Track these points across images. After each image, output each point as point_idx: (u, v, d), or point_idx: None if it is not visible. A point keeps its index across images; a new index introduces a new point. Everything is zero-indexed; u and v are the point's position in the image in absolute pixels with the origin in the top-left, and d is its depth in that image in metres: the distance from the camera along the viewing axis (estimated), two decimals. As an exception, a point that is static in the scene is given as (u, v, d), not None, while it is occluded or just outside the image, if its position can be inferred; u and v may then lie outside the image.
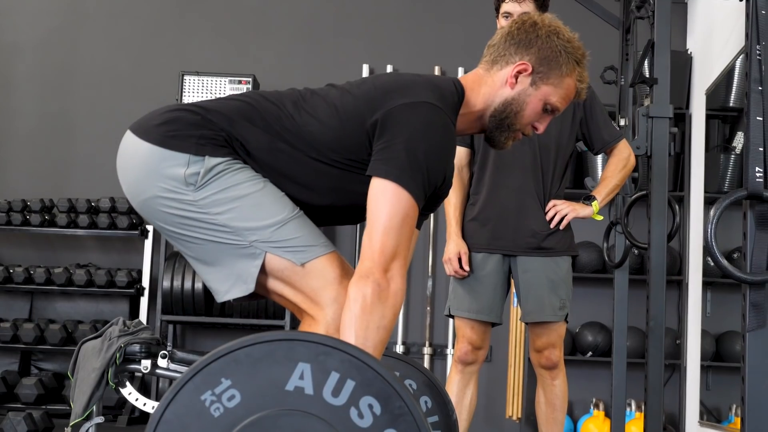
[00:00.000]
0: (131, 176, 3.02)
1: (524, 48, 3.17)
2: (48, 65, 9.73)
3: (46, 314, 9.27)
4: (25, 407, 7.97)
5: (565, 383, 5.16)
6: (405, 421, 2.34)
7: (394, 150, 2.87)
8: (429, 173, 2.89)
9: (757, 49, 4.16)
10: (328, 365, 2.35)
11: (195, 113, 3.00)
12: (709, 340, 8.28)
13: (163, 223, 2.99)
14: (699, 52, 8.91)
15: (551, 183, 5.07)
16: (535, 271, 5.01)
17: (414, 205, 2.86)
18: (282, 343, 2.37)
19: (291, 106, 3.06)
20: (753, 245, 4.17)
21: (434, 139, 2.92)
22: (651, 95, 6.08)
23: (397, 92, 2.98)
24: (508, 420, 8.91)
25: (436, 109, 2.95)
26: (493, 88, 3.19)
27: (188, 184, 2.91)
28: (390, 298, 2.77)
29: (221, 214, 2.91)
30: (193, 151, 2.92)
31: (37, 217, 8.93)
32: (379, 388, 2.35)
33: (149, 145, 2.96)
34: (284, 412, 2.34)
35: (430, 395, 3.94)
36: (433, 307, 9.10)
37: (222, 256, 2.95)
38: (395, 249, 2.81)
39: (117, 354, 6.43)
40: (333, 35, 9.58)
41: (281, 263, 2.92)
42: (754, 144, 4.14)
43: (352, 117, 2.99)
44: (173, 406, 2.36)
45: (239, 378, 2.35)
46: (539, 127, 3.26)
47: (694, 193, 8.70)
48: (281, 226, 2.92)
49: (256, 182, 2.96)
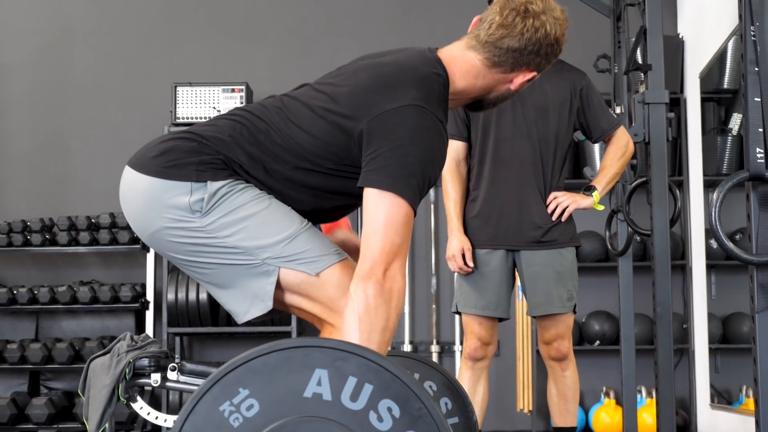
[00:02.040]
0: (136, 211, 3.02)
1: (529, 61, 3.17)
2: (40, 84, 9.71)
3: (52, 333, 9.25)
4: (36, 428, 7.98)
5: (576, 374, 5.17)
6: (425, 422, 2.34)
7: (384, 159, 2.86)
8: (423, 176, 2.88)
9: (752, 30, 4.16)
10: (345, 370, 2.35)
11: (190, 140, 3.00)
12: (715, 323, 8.28)
13: (174, 253, 3.00)
14: (690, 35, 8.91)
15: (551, 175, 5.07)
16: (541, 264, 5.01)
17: (411, 209, 2.85)
18: (298, 350, 2.37)
19: (277, 118, 3.05)
20: (758, 226, 4.17)
21: (424, 143, 2.90)
22: (646, 81, 6.07)
23: (381, 95, 2.96)
24: (519, 413, 8.91)
25: (423, 111, 2.94)
26: (493, 83, 3.19)
27: (194, 211, 2.91)
28: (393, 298, 2.77)
29: (230, 237, 2.91)
30: (194, 178, 2.92)
31: (38, 236, 8.91)
32: (397, 390, 2.35)
33: (150, 178, 2.96)
34: (304, 420, 2.34)
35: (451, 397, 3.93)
36: (438, 305, 9.10)
37: (236, 277, 2.95)
38: (395, 248, 2.80)
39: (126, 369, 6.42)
40: (324, 38, 9.57)
41: (296, 276, 2.92)
42: (753, 125, 4.13)
43: (337, 125, 2.98)
44: (192, 419, 2.36)
45: (257, 387, 2.35)
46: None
47: (693, 177, 8.70)
48: (291, 240, 2.92)
49: (261, 200, 2.96)
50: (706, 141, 8.45)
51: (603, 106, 5.21)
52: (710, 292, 8.33)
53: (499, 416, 8.90)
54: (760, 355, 4.15)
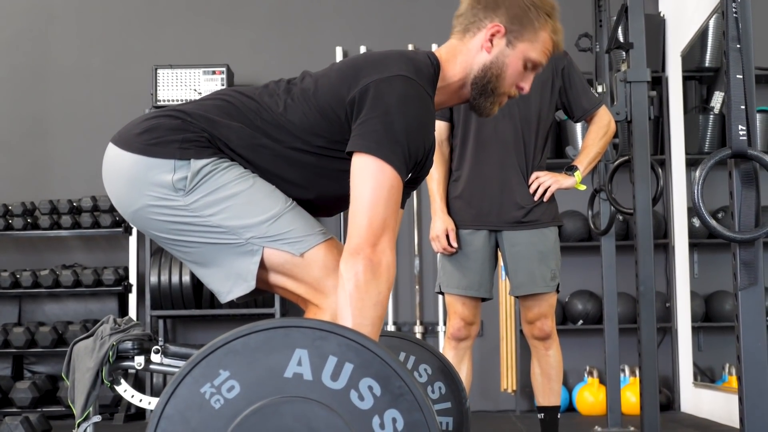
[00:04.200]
0: (119, 189, 2.99)
1: (492, 10, 3.13)
2: (18, 67, 9.67)
3: (35, 317, 9.25)
4: (20, 411, 7.97)
5: (559, 353, 5.17)
6: (405, 400, 2.33)
7: (371, 124, 2.84)
8: (409, 146, 2.86)
9: (734, 7, 4.16)
10: (325, 350, 2.34)
11: (174, 117, 2.97)
12: (698, 301, 8.31)
13: (157, 231, 2.97)
14: (672, 14, 8.92)
15: (533, 155, 5.06)
16: (524, 244, 5.01)
17: (397, 177, 2.82)
18: (278, 330, 2.35)
19: (268, 98, 3.04)
20: (740, 204, 4.17)
21: (411, 112, 2.88)
22: (627, 60, 6.07)
23: (371, 68, 2.95)
24: (503, 393, 8.93)
25: (411, 82, 2.92)
26: (470, 56, 3.15)
27: (177, 189, 2.89)
28: (383, 272, 2.75)
29: (214, 216, 2.89)
30: (177, 156, 2.89)
31: (20, 220, 8.91)
32: (377, 369, 2.34)
33: (133, 155, 2.93)
34: (285, 400, 2.33)
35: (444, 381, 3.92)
36: (421, 286, 9.10)
37: (220, 257, 2.93)
38: (383, 223, 2.78)
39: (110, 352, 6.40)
40: (304, 19, 9.56)
41: (280, 256, 2.90)
42: (735, 102, 4.14)
43: (329, 99, 2.96)
44: (173, 401, 2.35)
45: (237, 368, 2.34)
46: (524, 86, 3.23)
47: (675, 156, 8.71)
48: (276, 220, 2.90)
49: (245, 179, 2.94)
50: (688, 119, 8.46)
51: (585, 85, 5.20)
52: (693, 271, 8.35)
53: (483, 396, 8.92)
54: (744, 332, 4.15)
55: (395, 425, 2.33)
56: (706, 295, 8.30)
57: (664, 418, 6.89)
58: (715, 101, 8.27)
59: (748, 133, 4.14)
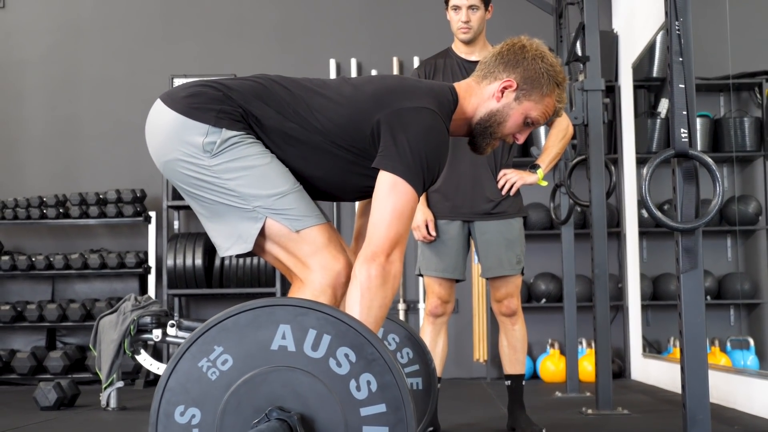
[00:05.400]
0: (157, 139, 3.00)
1: (512, 67, 3.14)
2: (53, 77, 9.66)
3: (66, 295, 9.24)
4: (53, 377, 7.95)
5: (524, 328, 5.15)
6: (378, 364, 2.35)
7: (400, 148, 2.86)
8: (428, 172, 2.89)
9: (677, 25, 4.15)
10: (305, 324, 2.35)
11: (217, 89, 2.99)
12: (646, 282, 8.30)
13: (181, 182, 2.99)
14: (624, 30, 8.90)
15: (501, 155, 5.04)
16: (492, 232, 5.00)
17: (416, 199, 2.86)
18: (263, 309, 2.37)
19: (305, 92, 3.04)
20: (682, 197, 4.18)
21: (433, 143, 2.91)
22: (584, 71, 6.07)
23: (403, 95, 2.97)
24: (476, 362, 8.92)
25: (436, 116, 2.95)
26: (482, 99, 3.16)
27: (205, 151, 2.90)
28: (390, 280, 2.79)
29: (231, 180, 2.90)
30: (212, 122, 2.91)
31: (53, 210, 8.92)
32: (352, 338, 2.35)
33: (175, 114, 2.94)
34: (272, 369, 2.35)
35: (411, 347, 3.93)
36: (404, 268, 9.09)
37: (228, 216, 2.95)
38: (398, 236, 2.81)
39: (131, 326, 6.41)
40: (302, 34, 9.53)
41: (279, 228, 2.92)
42: (678, 108, 4.14)
43: (360, 111, 2.96)
44: (175, 375, 2.37)
45: (230, 344, 2.36)
46: (519, 138, 3.26)
47: (627, 155, 8.70)
48: (282, 196, 2.91)
49: (264, 156, 2.95)
50: (638, 123, 8.45)
51: (547, 93, 5.18)
52: (642, 256, 8.35)
53: (458, 365, 8.91)
54: (685, 310, 4.16)
55: (370, 387, 2.35)
56: (654, 277, 8.30)
57: (617, 384, 6.89)
58: (661, 107, 8.26)
59: (689, 135, 4.14)
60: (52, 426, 5.79)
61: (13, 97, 9.69)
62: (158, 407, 2.36)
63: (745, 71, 7.17)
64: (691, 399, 4.14)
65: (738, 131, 7.41)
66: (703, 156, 4.15)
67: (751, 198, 7.33)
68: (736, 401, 5.91)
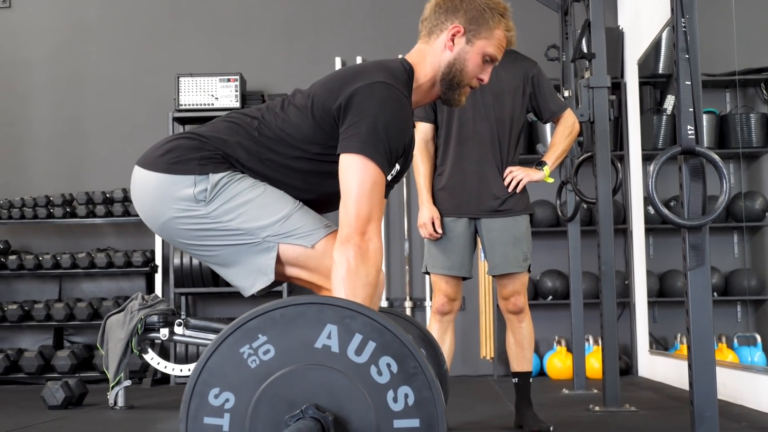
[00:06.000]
0: (147, 205, 3.00)
1: (452, 13, 3.16)
2: (59, 77, 9.67)
3: (73, 294, 9.24)
4: (61, 376, 7.96)
5: (531, 325, 5.15)
6: (418, 379, 2.35)
7: (355, 127, 2.85)
8: (389, 142, 2.86)
9: (682, 22, 4.15)
10: (352, 327, 2.35)
11: (192, 139, 2.99)
12: (653, 279, 8.29)
13: (183, 239, 2.98)
14: (629, 27, 8.89)
15: (507, 152, 5.03)
16: (499, 230, 4.99)
17: (379, 172, 2.84)
18: (313, 306, 2.37)
19: (268, 115, 3.05)
20: (689, 194, 4.17)
21: (390, 112, 2.89)
22: (590, 68, 6.06)
23: (352, 78, 2.96)
24: (482, 360, 8.92)
25: (389, 87, 2.93)
26: (436, 56, 3.17)
27: (198, 200, 2.90)
28: (371, 257, 2.76)
29: (233, 220, 2.90)
30: (197, 171, 2.90)
31: (60, 209, 8.92)
32: (396, 349, 2.35)
33: (157, 174, 2.94)
34: (313, 366, 2.35)
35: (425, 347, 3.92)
36: (411, 266, 9.09)
37: (240, 256, 2.94)
38: (369, 213, 2.79)
39: (138, 325, 6.42)
40: (307, 33, 9.53)
41: (294, 250, 2.91)
42: (684, 105, 4.13)
43: (320, 110, 2.96)
44: (215, 357, 2.38)
45: (274, 334, 2.36)
46: (484, 77, 3.24)
47: (633, 152, 8.69)
48: (287, 219, 2.91)
49: (257, 187, 2.95)
50: (644, 120, 8.44)
51: (552, 91, 5.18)
52: (648, 252, 8.34)
53: (465, 363, 8.91)
54: (692, 307, 4.16)
55: (407, 400, 2.35)
56: (660, 273, 8.29)
57: (623, 381, 6.88)
58: (667, 104, 8.25)
59: (695, 132, 4.13)
60: (60, 425, 5.79)
61: (20, 96, 9.71)
62: (194, 386, 2.38)
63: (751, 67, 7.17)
64: (698, 396, 4.14)
65: (744, 127, 7.40)
66: (709, 153, 4.15)
67: (758, 194, 7.32)
68: (744, 398, 5.91)
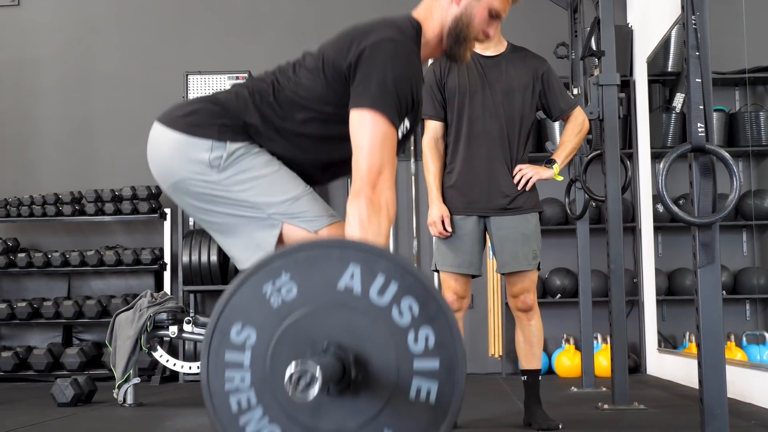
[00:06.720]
0: (161, 162, 3.01)
1: None
2: (68, 75, 9.69)
3: (82, 292, 9.27)
4: (70, 374, 7.98)
5: (540, 323, 5.15)
6: (439, 322, 2.34)
7: (365, 84, 2.86)
8: (399, 95, 2.87)
9: (693, 19, 4.14)
10: (375, 268, 2.34)
11: (215, 104, 3.00)
12: (662, 277, 8.28)
13: (191, 199, 2.98)
14: (638, 25, 8.88)
15: (517, 150, 5.03)
16: (509, 228, 4.99)
17: (390, 124, 2.85)
18: (337, 248, 2.38)
19: (281, 78, 3.07)
20: (699, 192, 4.17)
21: (399, 66, 2.90)
22: (599, 66, 6.06)
23: (362, 36, 2.96)
24: (491, 358, 8.92)
25: (398, 42, 2.94)
26: (443, 11, 3.18)
27: (212, 166, 2.91)
28: (383, 208, 2.76)
29: (242, 192, 2.91)
30: (215, 137, 2.92)
31: (69, 207, 8.95)
32: (419, 291, 2.34)
33: (176, 134, 2.95)
34: (335, 306, 2.35)
35: None
36: (420, 264, 9.08)
37: (243, 228, 2.95)
38: (380, 166, 2.79)
39: (147, 323, 6.43)
40: (314, 30, 9.50)
41: (297, 232, 2.91)
42: (694, 103, 4.12)
43: (331, 69, 2.97)
44: (239, 294, 2.39)
45: (297, 273, 2.36)
46: (489, 32, 3.25)
47: (642, 150, 8.68)
48: (296, 200, 2.92)
49: (271, 164, 2.97)
50: (653, 118, 8.43)
51: (562, 88, 5.17)
52: (657, 251, 8.33)
53: (474, 361, 8.91)
54: (702, 305, 4.15)
55: (427, 341, 2.34)
56: (669, 271, 8.28)
57: (632, 379, 6.87)
58: (676, 102, 8.24)
59: (706, 130, 4.12)
60: (69, 422, 5.80)
61: (28, 94, 9.74)
62: (216, 322, 2.40)
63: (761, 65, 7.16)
64: (708, 394, 4.13)
65: (753, 125, 7.39)
66: (720, 150, 4.14)
67: (767, 192, 7.31)
68: (753, 396, 5.90)
